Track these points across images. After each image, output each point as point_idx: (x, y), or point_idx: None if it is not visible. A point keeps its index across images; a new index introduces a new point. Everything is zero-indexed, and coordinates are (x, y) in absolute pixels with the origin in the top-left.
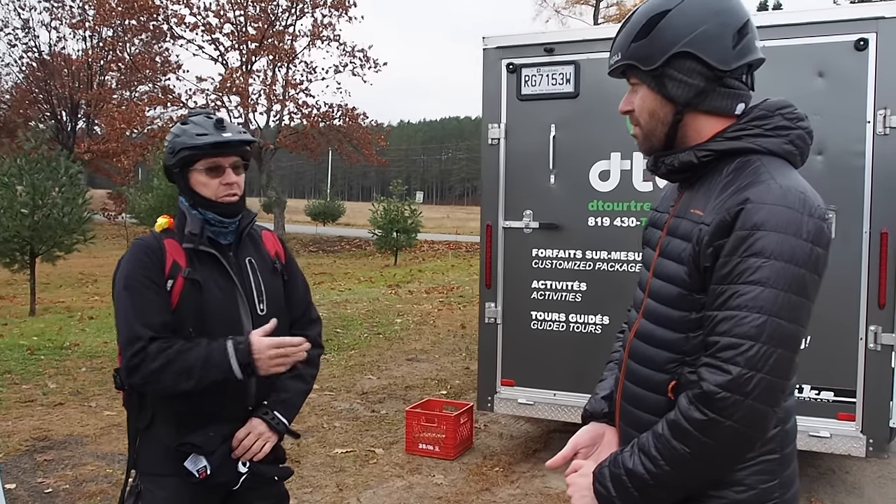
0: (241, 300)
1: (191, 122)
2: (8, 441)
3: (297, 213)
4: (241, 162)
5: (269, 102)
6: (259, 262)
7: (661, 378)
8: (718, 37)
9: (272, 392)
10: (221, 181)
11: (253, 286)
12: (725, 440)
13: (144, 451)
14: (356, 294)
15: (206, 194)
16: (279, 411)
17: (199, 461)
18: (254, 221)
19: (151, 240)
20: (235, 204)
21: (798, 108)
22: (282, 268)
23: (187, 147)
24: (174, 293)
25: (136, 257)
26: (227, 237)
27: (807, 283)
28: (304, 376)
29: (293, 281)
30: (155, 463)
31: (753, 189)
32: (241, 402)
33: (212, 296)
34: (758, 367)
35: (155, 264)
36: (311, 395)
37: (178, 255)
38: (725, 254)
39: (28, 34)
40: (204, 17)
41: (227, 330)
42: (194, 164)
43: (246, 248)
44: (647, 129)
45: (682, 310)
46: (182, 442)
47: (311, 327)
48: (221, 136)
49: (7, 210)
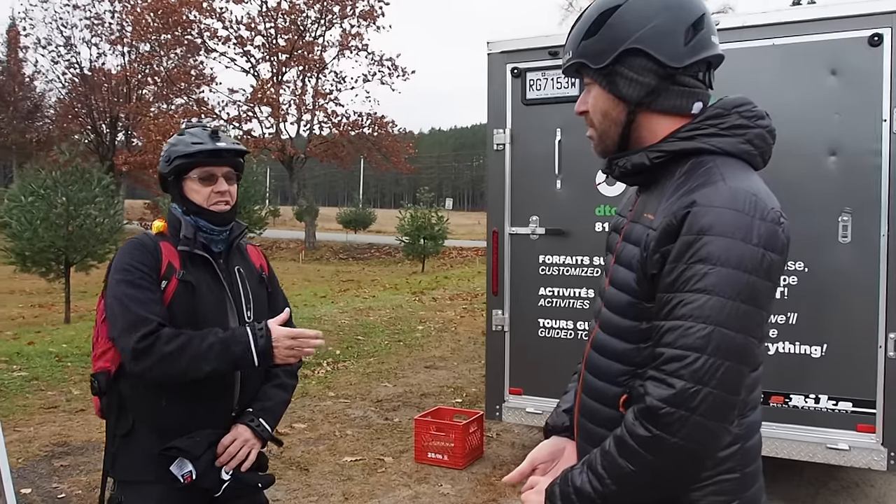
0: (230, 306)
1: (187, 132)
2: (28, 446)
3: (329, 220)
4: (233, 173)
5: (300, 112)
6: (247, 272)
7: (614, 391)
8: (670, 33)
9: (255, 399)
10: (214, 189)
11: (241, 293)
12: (671, 458)
13: (124, 458)
14: (380, 301)
15: (198, 201)
16: (263, 418)
17: (185, 466)
18: (244, 234)
19: (147, 239)
20: (226, 213)
21: (758, 106)
22: (267, 280)
23: (182, 155)
24: (167, 293)
25: (134, 253)
26: (219, 245)
27: (758, 291)
28: (285, 386)
29: (276, 294)
30: (136, 470)
31: (701, 191)
32: (225, 408)
33: (204, 299)
34: (704, 381)
35: (151, 262)
36: (326, 402)
37: (173, 258)
38: (671, 260)
39: (70, 51)
40: (236, 30)
41: None
42: (188, 173)
43: (235, 257)
44: (601, 130)
45: (632, 319)
46: (168, 446)
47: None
48: (215, 145)
49: (43, 221)
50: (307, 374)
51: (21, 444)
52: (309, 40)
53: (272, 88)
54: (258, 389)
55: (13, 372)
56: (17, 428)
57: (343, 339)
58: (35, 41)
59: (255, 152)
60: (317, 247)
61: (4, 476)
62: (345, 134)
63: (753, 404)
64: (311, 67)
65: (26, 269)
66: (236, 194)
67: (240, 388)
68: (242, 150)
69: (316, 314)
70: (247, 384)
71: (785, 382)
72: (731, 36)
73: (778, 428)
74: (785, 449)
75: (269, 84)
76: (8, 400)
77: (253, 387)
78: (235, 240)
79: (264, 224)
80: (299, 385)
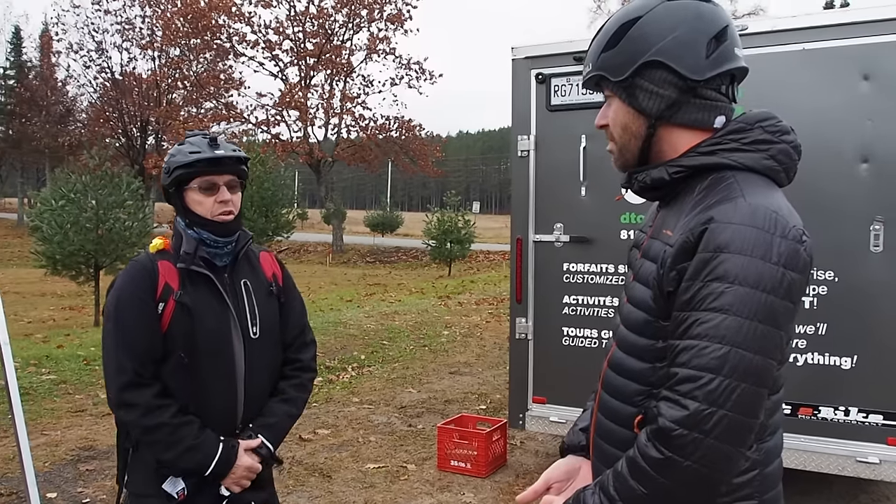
0: (233, 323)
1: (187, 142)
2: (55, 450)
3: (356, 224)
4: (236, 181)
5: (327, 116)
6: (254, 285)
7: (629, 411)
8: (691, 44)
9: (259, 416)
10: (216, 199)
11: (247, 309)
12: (684, 481)
13: (133, 471)
14: (406, 305)
15: (201, 213)
16: (264, 435)
17: (178, 483)
18: (250, 243)
19: (146, 261)
20: (230, 223)
21: (783, 121)
22: (278, 290)
23: (182, 165)
24: (165, 316)
25: (128, 278)
26: (224, 258)
27: (776, 312)
28: (292, 400)
29: (290, 303)
30: (141, 483)
31: (720, 207)
32: (228, 424)
33: (203, 320)
34: (718, 403)
35: (146, 286)
36: (350, 407)
37: (171, 277)
38: (688, 277)
39: (101, 55)
40: (264, 34)
41: (217, 354)
42: (189, 183)
43: (241, 269)
44: (621, 144)
45: (648, 337)
46: (160, 463)
47: (305, 351)
48: (214, 152)
49: (73, 224)
50: (332, 380)
51: (48, 448)
52: (337, 44)
53: (300, 92)
54: (263, 405)
55: (42, 375)
56: (45, 431)
57: (368, 343)
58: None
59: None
60: (344, 250)
61: (29, 480)
62: (372, 137)
63: (773, 428)
64: (338, 71)
65: (57, 273)
66: (240, 203)
67: (243, 407)
68: (243, 156)
69: (342, 318)
70: (251, 402)
71: (814, 394)
72: (761, 41)
73: (807, 440)
74: (813, 462)
75: (297, 88)
76: (36, 403)
77: (258, 404)
78: (242, 250)
79: (292, 228)
80: (324, 390)
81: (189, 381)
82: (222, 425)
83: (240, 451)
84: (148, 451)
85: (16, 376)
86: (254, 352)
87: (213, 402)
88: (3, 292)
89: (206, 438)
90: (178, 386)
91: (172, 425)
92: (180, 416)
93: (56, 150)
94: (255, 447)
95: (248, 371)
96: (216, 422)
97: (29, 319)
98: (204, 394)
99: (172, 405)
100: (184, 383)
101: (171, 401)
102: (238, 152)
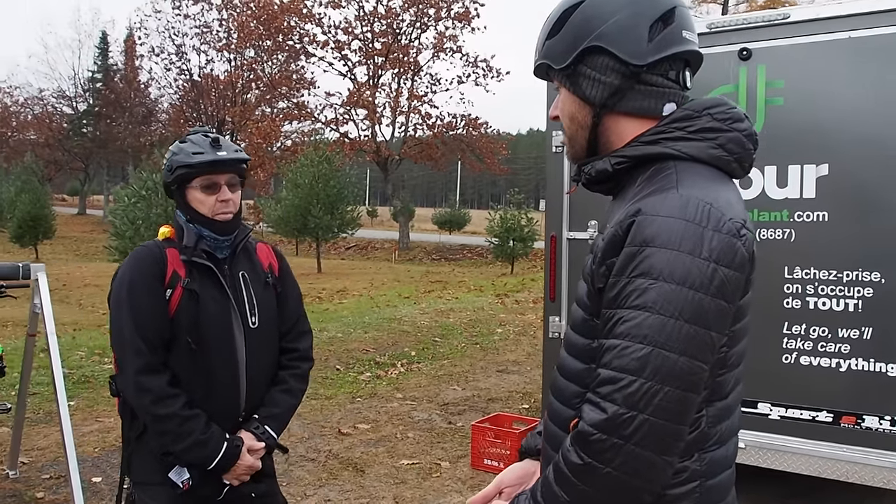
0: (234, 313)
1: (188, 140)
2: (106, 437)
3: (425, 221)
4: (236, 179)
5: (394, 114)
6: (252, 276)
7: (568, 414)
8: (632, 28)
9: (262, 405)
10: (217, 198)
11: (245, 299)
12: (605, 489)
13: (137, 459)
14: (462, 303)
15: (202, 211)
16: (269, 425)
17: (183, 473)
18: (248, 236)
19: (154, 247)
20: (230, 222)
21: (736, 108)
22: (275, 280)
23: (184, 165)
24: (172, 302)
25: (138, 263)
26: (224, 251)
27: (705, 311)
28: (293, 391)
29: (286, 293)
30: (147, 472)
31: (649, 199)
32: (231, 414)
33: (208, 307)
34: (639, 407)
35: (156, 271)
36: (393, 403)
37: (178, 266)
38: (615, 273)
39: (181, 58)
40: (333, 34)
41: (220, 342)
42: (191, 182)
43: (240, 261)
44: (570, 135)
45: (585, 337)
46: (165, 452)
47: (302, 340)
48: (216, 154)
49: (144, 220)
50: (380, 375)
51: (100, 435)
52: (404, 43)
53: (368, 91)
54: (264, 394)
55: (104, 364)
56: (99, 419)
57: (420, 340)
58: (149, 50)
59: (350, 154)
60: (410, 247)
61: (72, 465)
62: (439, 135)
63: (722, 438)
64: (406, 70)
65: None
66: (239, 201)
67: (246, 394)
68: (243, 158)
69: (397, 315)
70: (253, 389)
71: (858, 402)
72: (803, 29)
73: (850, 451)
74: (857, 474)
75: (365, 87)
76: (94, 391)
77: (259, 392)
78: (240, 244)
79: (356, 225)
80: (370, 385)
81: (194, 368)
82: (226, 412)
83: (243, 450)
84: (154, 440)
85: (78, 365)
86: (253, 341)
87: (217, 390)
88: (85, 284)
89: (212, 434)
90: (185, 373)
91: (182, 417)
92: (188, 409)
93: (139, 149)
94: (258, 448)
95: (249, 359)
96: (220, 409)
97: (104, 311)
98: (209, 381)
99: (182, 396)
100: (190, 370)
101: (180, 391)
102: (239, 154)
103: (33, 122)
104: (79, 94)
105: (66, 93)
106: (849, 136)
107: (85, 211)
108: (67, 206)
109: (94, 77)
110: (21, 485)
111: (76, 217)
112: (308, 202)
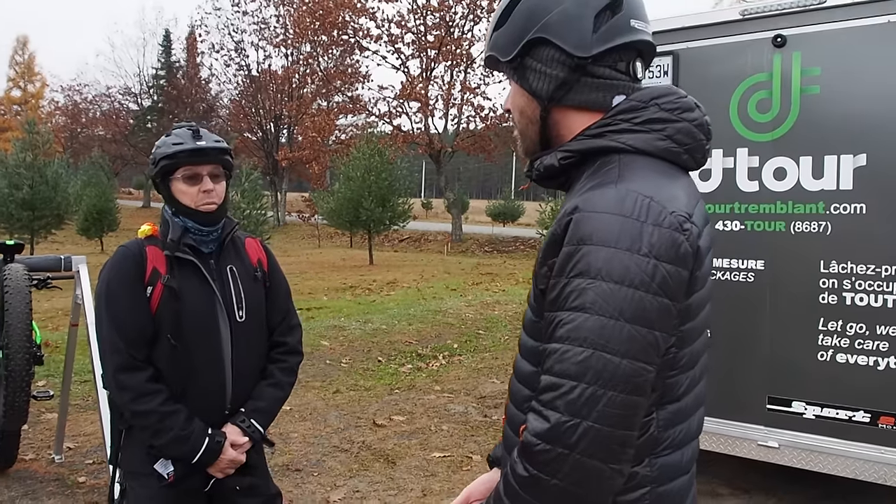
0: (219, 308)
1: (172, 133)
2: None
3: (479, 213)
4: (220, 171)
5: (447, 107)
6: (240, 270)
7: (521, 418)
8: (577, 18)
9: (249, 399)
10: (200, 188)
11: (233, 294)
12: (553, 501)
13: (126, 451)
14: (508, 295)
15: (185, 202)
16: (255, 419)
17: (168, 465)
18: (235, 230)
19: (133, 246)
20: (215, 213)
21: (686, 97)
22: (263, 275)
23: (165, 156)
24: (153, 299)
25: (116, 263)
26: (210, 245)
27: (647, 309)
28: (281, 384)
29: (275, 288)
30: (136, 463)
31: (586, 195)
32: (217, 407)
33: (189, 303)
34: (582, 414)
35: (134, 270)
36: (430, 395)
37: (159, 262)
38: (555, 274)
39: (240, 54)
40: (387, 28)
41: (203, 337)
42: (174, 173)
43: (228, 256)
44: (521, 130)
45: (534, 338)
46: (150, 444)
47: (291, 334)
48: (196, 144)
49: None
50: (421, 367)
51: None
52: (457, 35)
53: (421, 84)
54: (252, 388)
55: None
56: None
57: (464, 332)
58: (210, 46)
59: (403, 147)
60: (463, 239)
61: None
62: (492, 127)
63: (675, 442)
64: (459, 62)
65: None
66: (224, 192)
67: (231, 387)
68: (224, 147)
69: (442, 307)
70: (239, 383)
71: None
72: (840, 14)
73: (888, 452)
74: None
75: (419, 80)
76: None
77: (246, 386)
78: (227, 237)
79: (408, 217)
80: (409, 377)
81: (178, 363)
82: (212, 405)
83: (226, 445)
84: (139, 433)
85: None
86: (240, 335)
87: (201, 384)
88: None
89: (193, 430)
90: (168, 368)
91: (161, 413)
92: (169, 405)
93: None
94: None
95: (234, 353)
96: (206, 403)
97: None
98: (193, 375)
99: (162, 392)
100: (173, 365)
101: (162, 387)
102: (220, 143)
103: (101, 118)
104: (143, 90)
105: (132, 89)
106: (888, 125)
107: (150, 204)
108: (133, 200)
109: (157, 74)
110: (65, 469)
111: (141, 210)
112: (360, 195)
